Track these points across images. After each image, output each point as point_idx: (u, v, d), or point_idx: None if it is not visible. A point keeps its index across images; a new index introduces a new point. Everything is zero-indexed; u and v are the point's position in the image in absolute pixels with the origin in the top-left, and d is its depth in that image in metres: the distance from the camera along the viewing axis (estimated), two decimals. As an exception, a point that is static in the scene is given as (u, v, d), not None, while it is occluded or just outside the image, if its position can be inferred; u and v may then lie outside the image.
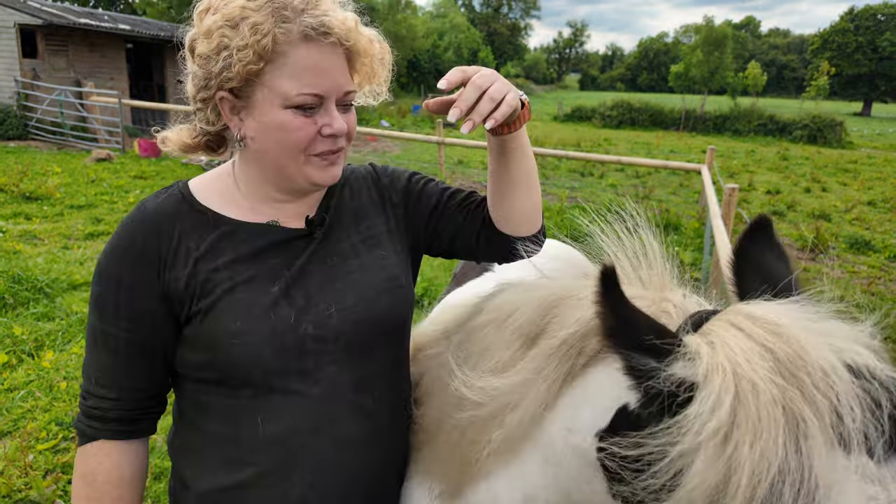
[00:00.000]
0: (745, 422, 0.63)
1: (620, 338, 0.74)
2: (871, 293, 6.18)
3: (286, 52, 0.94)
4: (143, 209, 1.04)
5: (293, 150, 0.98)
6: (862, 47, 55.55)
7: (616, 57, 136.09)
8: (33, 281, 4.79)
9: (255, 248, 1.03)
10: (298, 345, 0.99)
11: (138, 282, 0.99)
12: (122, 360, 1.01)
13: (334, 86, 0.98)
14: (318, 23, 0.94)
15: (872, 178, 15.09)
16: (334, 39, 0.96)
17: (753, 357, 0.67)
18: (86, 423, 1.02)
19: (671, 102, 33.45)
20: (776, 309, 0.73)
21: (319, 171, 1.02)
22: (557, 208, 9.07)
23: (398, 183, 1.23)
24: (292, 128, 0.96)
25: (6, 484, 2.62)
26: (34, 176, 9.16)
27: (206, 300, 0.99)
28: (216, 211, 1.05)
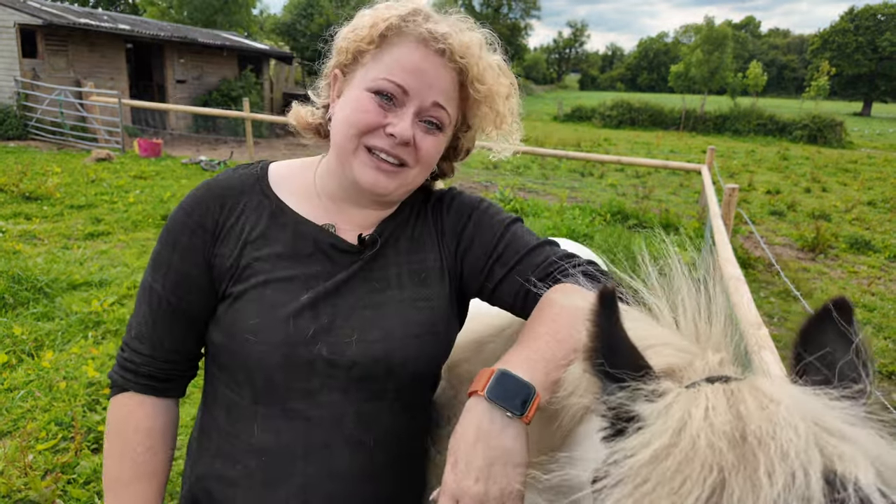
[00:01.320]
0: (667, 473, 0.58)
1: (598, 361, 0.71)
2: (871, 293, 6.18)
3: (394, 44, 0.97)
4: (218, 178, 1.07)
5: (351, 129, 0.97)
6: (862, 47, 55.56)
7: (616, 57, 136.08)
8: (33, 281, 4.78)
9: (302, 249, 1.01)
10: (308, 363, 0.96)
11: (192, 247, 1.01)
12: (160, 319, 1.03)
13: (422, 87, 0.95)
14: (438, 30, 0.95)
15: (872, 178, 15.09)
16: (444, 48, 0.95)
17: (717, 420, 0.60)
18: (119, 374, 1.05)
19: (671, 102, 33.45)
20: (790, 390, 0.63)
21: (363, 168, 0.98)
22: (557, 208, 9.07)
23: (457, 221, 1.11)
24: (360, 107, 0.96)
25: (6, 484, 2.62)
26: (34, 176, 9.16)
27: (240, 285, 0.99)
28: (282, 199, 1.05)
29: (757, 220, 9.67)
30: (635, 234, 7.84)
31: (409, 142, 0.96)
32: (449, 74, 0.97)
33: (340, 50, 1.02)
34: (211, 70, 19.64)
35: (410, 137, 0.96)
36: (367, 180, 0.98)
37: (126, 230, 6.95)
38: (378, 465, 1.01)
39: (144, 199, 8.39)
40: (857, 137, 29.22)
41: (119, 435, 1.04)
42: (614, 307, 0.70)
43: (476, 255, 1.07)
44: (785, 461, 0.55)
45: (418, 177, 1.02)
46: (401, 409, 1.03)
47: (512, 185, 11.41)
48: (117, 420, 1.05)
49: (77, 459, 2.86)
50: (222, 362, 1.02)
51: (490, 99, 1.01)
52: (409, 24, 0.96)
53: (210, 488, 1.04)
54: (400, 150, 0.97)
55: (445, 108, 0.98)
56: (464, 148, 1.13)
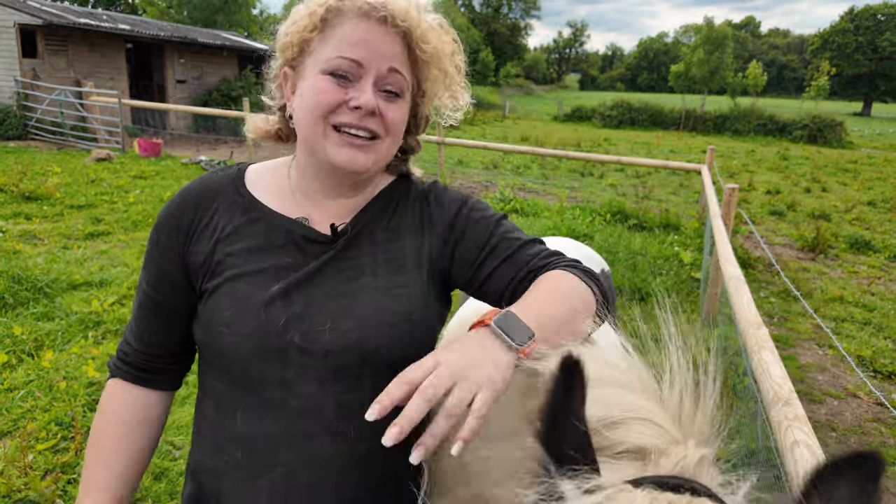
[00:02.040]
0: None
1: (544, 431, 0.65)
2: (871, 293, 6.18)
3: (336, 24, 0.97)
4: (198, 180, 1.10)
5: (316, 112, 0.97)
6: (862, 47, 55.54)
7: (616, 57, 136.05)
8: (33, 281, 4.78)
9: (274, 241, 1.03)
10: (281, 351, 0.96)
11: (169, 246, 1.05)
12: (146, 314, 1.09)
13: (374, 57, 0.96)
14: (377, 0, 0.95)
15: (872, 178, 15.09)
16: (386, 15, 0.95)
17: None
18: (113, 361, 1.13)
19: (671, 102, 33.45)
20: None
21: (336, 148, 0.98)
22: (557, 208, 9.07)
23: (446, 213, 1.11)
24: (320, 89, 0.96)
25: (6, 484, 2.62)
26: (34, 176, 9.16)
27: (213, 281, 1.01)
28: (255, 197, 1.07)
29: (757, 220, 9.67)
30: (635, 234, 7.84)
31: (374, 111, 0.96)
32: (395, 39, 0.98)
33: (284, 46, 1.02)
34: (211, 70, 19.64)
35: (375, 105, 0.96)
36: (342, 159, 0.98)
37: (126, 230, 6.95)
38: (360, 455, 0.99)
39: (144, 199, 8.39)
40: (857, 137, 29.22)
41: (102, 416, 1.10)
42: (576, 377, 0.63)
43: (468, 248, 1.08)
44: None
45: (390, 148, 1.03)
46: None
47: (512, 185, 11.41)
48: (102, 403, 1.11)
49: (77, 459, 2.87)
50: (206, 357, 1.05)
51: (437, 58, 1.02)
52: (345, 1, 0.97)
53: (201, 481, 1.05)
54: (368, 121, 0.97)
55: (401, 73, 0.99)
56: (423, 116, 1.13)
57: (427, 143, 11.14)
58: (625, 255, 6.66)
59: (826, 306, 5.73)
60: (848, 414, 3.82)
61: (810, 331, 5.14)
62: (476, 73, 60.95)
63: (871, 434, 3.60)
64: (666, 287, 5.78)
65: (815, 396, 4.02)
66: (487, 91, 46.98)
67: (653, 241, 7.33)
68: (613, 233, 7.65)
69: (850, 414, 3.82)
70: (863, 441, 3.53)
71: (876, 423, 3.72)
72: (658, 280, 5.92)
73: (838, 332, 5.15)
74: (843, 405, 3.94)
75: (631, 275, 5.95)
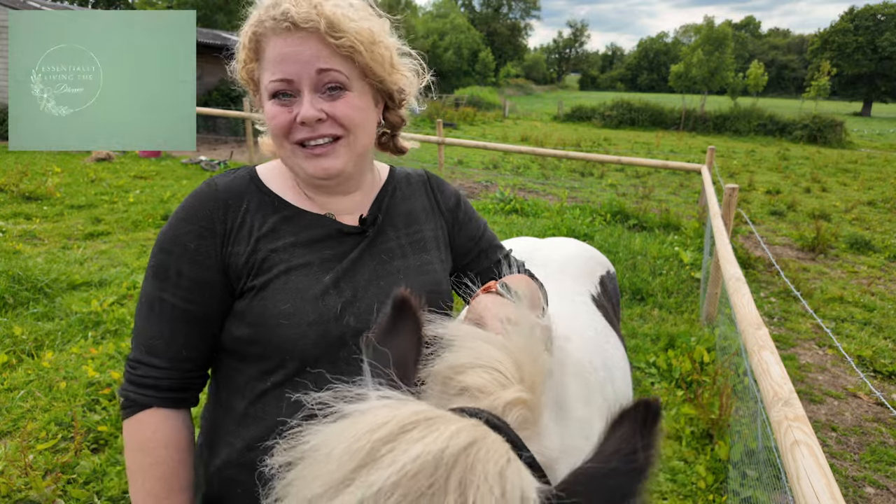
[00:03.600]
0: (306, 465, 0.59)
1: (371, 354, 0.74)
2: (871, 293, 6.18)
3: (265, 47, 1.02)
4: (212, 184, 1.09)
5: (276, 138, 1.05)
6: (862, 47, 55.56)
7: (616, 57, 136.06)
8: (33, 281, 4.78)
9: (313, 236, 1.09)
10: (340, 336, 1.03)
11: (202, 252, 1.03)
12: (176, 329, 1.03)
13: (298, 67, 0.99)
14: (279, 13, 0.98)
15: (872, 178, 15.09)
16: (293, 23, 0.98)
17: (354, 431, 0.58)
18: (138, 392, 1.03)
19: (671, 102, 33.44)
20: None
21: (307, 161, 1.04)
22: (557, 208, 9.07)
23: (448, 201, 1.29)
24: (271, 115, 1.03)
25: (6, 484, 2.62)
26: (34, 176, 9.16)
27: (261, 277, 1.03)
28: (279, 195, 1.11)
29: (757, 220, 9.67)
30: (635, 234, 7.84)
31: (318, 118, 1.01)
32: (311, 40, 1.00)
33: (242, 82, 1.10)
34: (211, 70, 19.65)
35: (315, 114, 1.00)
36: (315, 170, 1.04)
37: (126, 230, 6.95)
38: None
39: (144, 199, 8.39)
40: (857, 137, 29.22)
41: (147, 452, 1.02)
42: (402, 315, 0.76)
43: (464, 239, 1.29)
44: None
45: (358, 141, 1.07)
46: None
47: (512, 185, 11.41)
48: (143, 438, 1.02)
49: (77, 459, 2.87)
50: (248, 353, 1.05)
51: (360, 44, 1.02)
52: (262, 24, 1.01)
53: (233, 476, 1.06)
54: (321, 129, 1.02)
55: (332, 68, 1.01)
56: (391, 91, 1.13)
57: (427, 143, 11.15)
58: (625, 255, 6.66)
59: (826, 306, 5.73)
60: (848, 414, 3.82)
61: (810, 331, 5.14)
62: (476, 73, 60.98)
63: (871, 434, 3.60)
64: (666, 287, 5.78)
65: (815, 396, 4.02)
66: (487, 91, 46.96)
67: (653, 241, 7.33)
68: (613, 233, 7.65)
69: (850, 414, 3.82)
70: (863, 441, 3.53)
71: (876, 423, 3.72)
72: (658, 280, 5.92)
73: (838, 332, 5.15)
74: (843, 405, 3.94)
75: (631, 275, 5.95)
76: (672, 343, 4.52)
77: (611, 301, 2.03)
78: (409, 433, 0.57)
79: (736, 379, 3.73)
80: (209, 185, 1.09)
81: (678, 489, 2.99)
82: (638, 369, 4.17)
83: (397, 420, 0.58)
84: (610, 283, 2.12)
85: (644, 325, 4.90)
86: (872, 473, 3.24)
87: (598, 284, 2.00)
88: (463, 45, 59.47)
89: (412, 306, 0.78)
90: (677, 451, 3.28)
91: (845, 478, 3.20)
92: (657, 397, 0.60)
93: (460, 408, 0.68)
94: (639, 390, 3.90)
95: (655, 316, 5.16)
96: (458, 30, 60.43)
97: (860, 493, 3.09)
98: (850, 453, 3.42)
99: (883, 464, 3.32)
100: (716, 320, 4.91)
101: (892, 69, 55.05)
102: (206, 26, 28.18)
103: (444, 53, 55.40)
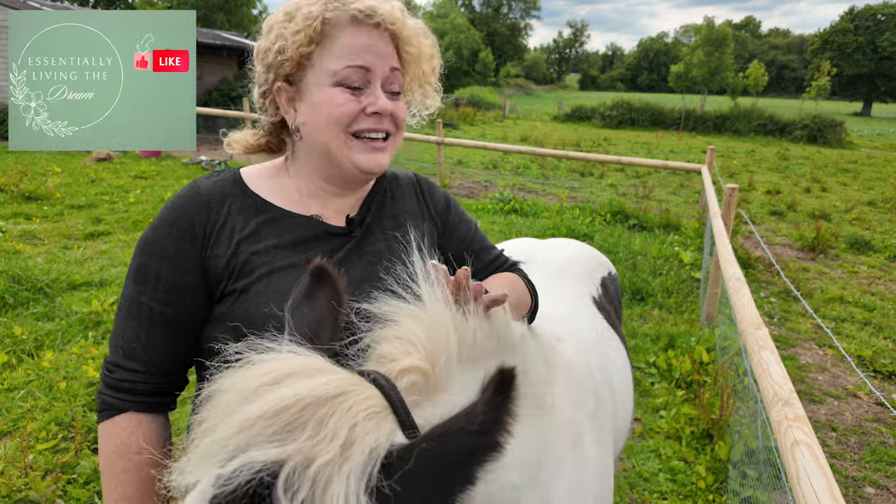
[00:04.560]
0: (214, 403, 0.70)
1: (291, 313, 0.83)
2: (871, 293, 6.18)
3: (335, 35, 1.01)
4: (195, 187, 1.08)
5: (337, 125, 1.03)
6: (862, 47, 55.53)
7: (616, 57, 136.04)
8: (33, 281, 4.78)
9: (297, 237, 1.07)
10: None
11: (181, 255, 1.02)
12: (154, 332, 1.02)
13: (379, 60, 1.02)
14: (365, 6, 1.01)
15: (872, 178, 15.09)
16: (379, 20, 1.01)
17: (253, 376, 0.69)
18: (114, 396, 1.02)
19: (671, 102, 33.43)
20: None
21: (364, 154, 1.05)
22: (557, 208, 9.07)
23: (437, 203, 1.28)
24: (338, 102, 1.01)
25: (6, 484, 2.62)
26: (34, 176, 9.15)
27: (243, 281, 1.02)
28: (264, 197, 1.10)
29: (757, 220, 9.67)
30: (635, 234, 7.84)
31: (392, 111, 1.05)
32: (388, 41, 1.05)
33: (279, 63, 1.04)
34: (211, 70, 19.65)
35: (392, 107, 1.05)
36: (368, 163, 1.05)
37: (126, 230, 6.95)
38: None
39: (145, 199, 8.39)
40: (857, 137, 29.21)
41: (122, 456, 1.01)
42: (320, 282, 0.83)
43: (455, 242, 1.28)
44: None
45: (399, 143, 1.12)
46: None
47: (512, 185, 11.41)
48: (119, 442, 1.01)
49: (77, 459, 2.87)
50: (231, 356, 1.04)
51: (418, 59, 1.10)
52: (337, 10, 1.01)
53: None
54: (384, 123, 1.05)
55: (400, 70, 1.07)
56: (419, 104, 1.22)
57: (427, 143, 11.14)
58: (625, 255, 6.66)
59: (826, 306, 5.73)
60: (848, 414, 3.82)
61: (810, 331, 5.14)
62: (476, 73, 60.94)
63: (871, 434, 3.60)
64: (666, 287, 5.78)
65: (815, 396, 4.02)
66: (487, 91, 46.92)
67: (653, 241, 7.33)
68: (613, 233, 7.65)
69: (850, 414, 3.82)
70: (863, 441, 3.53)
71: (876, 423, 3.72)
72: (658, 280, 5.92)
73: (838, 332, 5.15)
74: (843, 405, 3.94)
75: (631, 275, 5.95)
76: (672, 343, 4.52)
77: (612, 303, 2.02)
78: (291, 378, 0.66)
79: (736, 379, 3.73)
80: (192, 187, 1.08)
81: (678, 489, 2.99)
82: (638, 369, 4.17)
83: (287, 368, 0.68)
84: (611, 285, 2.11)
85: (644, 325, 4.90)
86: (872, 473, 3.24)
87: (599, 286, 1.99)
88: (463, 45, 59.45)
89: (330, 274, 0.84)
90: (677, 451, 3.28)
91: (845, 478, 3.20)
92: (514, 364, 0.63)
93: (360, 369, 0.77)
94: (639, 390, 3.90)
95: (655, 316, 5.16)
96: (458, 30, 60.42)
97: (860, 493, 3.09)
98: (850, 453, 3.42)
99: (883, 464, 3.32)
100: (716, 320, 4.91)
101: (892, 69, 55.03)
102: (206, 26, 28.17)
103: (444, 53, 55.22)
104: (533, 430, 1.08)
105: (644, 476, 3.08)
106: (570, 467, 1.15)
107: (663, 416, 3.62)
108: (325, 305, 0.83)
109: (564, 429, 1.18)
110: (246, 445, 0.61)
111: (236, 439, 0.62)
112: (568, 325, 1.56)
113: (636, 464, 3.17)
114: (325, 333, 0.81)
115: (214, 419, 0.67)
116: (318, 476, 0.59)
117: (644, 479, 3.07)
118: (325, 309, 0.83)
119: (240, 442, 0.62)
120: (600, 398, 1.38)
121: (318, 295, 0.83)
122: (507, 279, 1.24)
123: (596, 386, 1.40)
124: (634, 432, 3.47)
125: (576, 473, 1.16)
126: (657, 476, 3.09)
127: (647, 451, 3.29)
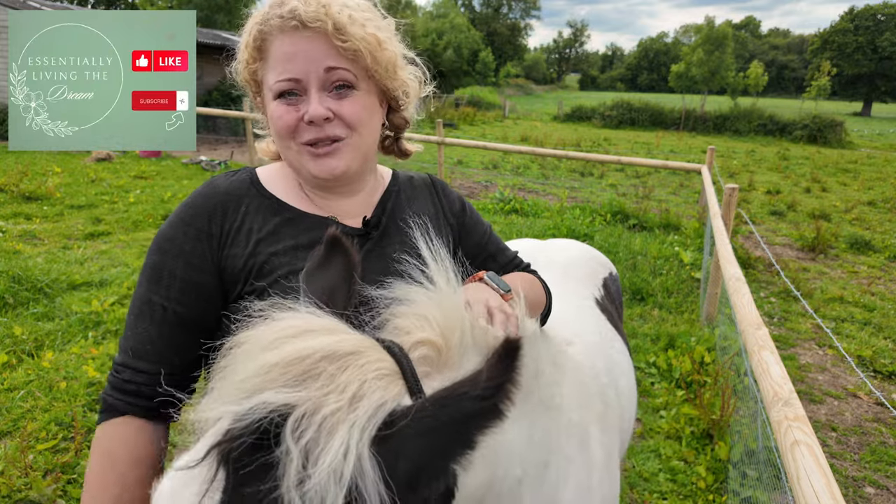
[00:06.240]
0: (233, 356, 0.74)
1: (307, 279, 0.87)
2: (871, 293, 6.18)
3: (269, 48, 1.01)
4: (212, 185, 1.08)
5: (282, 138, 1.04)
6: (862, 47, 55.53)
7: (616, 57, 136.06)
8: (33, 281, 4.78)
9: (315, 238, 1.05)
10: None
11: (197, 255, 1.01)
12: (165, 333, 1.00)
13: (307, 66, 0.99)
14: (287, 10, 0.98)
15: (872, 178, 15.09)
16: (301, 21, 0.97)
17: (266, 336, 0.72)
18: (116, 398, 0.99)
19: (671, 102, 33.42)
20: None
21: (313, 161, 1.03)
22: (557, 208, 9.07)
23: (453, 206, 1.27)
24: (277, 115, 1.02)
25: (6, 484, 2.62)
26: (34, 176, 9.15)
27: (262, 281, 1.01)
28: (280, 198, 1.09)
29: (757, 220, 9.67)
30: (635, 234, 7.84)
31: (327, 116, 1.00)
32: (319, 39, 0.99)
33: (244, 83, 1.09)
34: (211, 70, 19.64)
35: (323, 113, 0.99)
36: (320, 171, 1.04)
37: (126, 230, 6.95)
38: None
39: (145, 199, 8.39)
40: (857, 137, 29.21)
41: (109, 465, 0.97)
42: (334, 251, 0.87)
43: (471, 244, 1.27)
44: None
45: (365, 139, 1.07)
46: None
47: (512, 185, 11.41)
48: (112, 447, 0.97)
49: (77, 459, 2.87)
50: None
51: (367, 49, 1.02)
52: (268, 23, 1.00)
53: None
54: (327, 129, 1.01)
55: (341, 67, 1.01)
56: (396, 92, 1.13)
57: (427, 143, 11.14)
58: (625, 255, 6.66)
59: (826, 306, 5.73)
60: (848, 414, 3.82)
61: (810, 331, 5.14)
62: (476, 73, 60.93)
63: (871, 434, 3.60)
64: (666, 287, 5.78)
65: (815, 396, 4.02)
66: (487, 91, 46.92)
67: (653, 241, 7.33)
68: (613, 233, 7.65)
69: (850, 414, 3.82)
70: (863, 441, 3.53)
71: (876, 423, 3.72)
72: (658, 280, 5.92)
73: (838, 332, 5.15)
74: (843, 405, 3.94)
75: (631, 275, 5.95)
76: (672, 343, 4.52)
77: (614, 303, 2.02)
78: (309, 334, 0.71)
79: (736, 379, 3.73)
80: (209, 185, 1.08)
81: (678, 489, 2.99)
82: (638, 369, 4.17)
83: (306, 326, 0.73)
84: (613, 286, 2.11)
85: (644, 325, 4.90)
86: (872, 473, 3.24)
87: (601, 287, 1.99)
88: (463, 45, 59.43)
89: (344, 244, 0.87)
90: (677, 451, 3.28)
91: (845, 478, 3.20)
92: (520, 336, 0.66)
93: (376, 336, 0.80)
94: (639, 390, 3.90)
95: (655, 316, 5.16)
96: (457, 30, 60.39)
97: (860, 493, 3.09)
98: (850, 453, 3.41)
99: (883, 464, 3.32)
100: (716, 320, 4.91)
101: (892, 69, 55.02)
102: (206, 26, 28.17)
103: (443, 53, 55.34)
104: (540, 428, 1.08)
105: (644, 476, 3.08)
106: (578, 469, 1.16)
107: (663, 416, 3.62)
108: (339, 273, 0.87)
109: (572, 431, 1.18)
110: (262, 388, 0.65)
111: (253, 381, 0.66)
112: (574, 327, 1.56)
113: (636, 464, 3.17)
114: (340, 300, 0.85)
115: (235, 364, 0.72)
116: (324, 423, 0.62)
117: (644, 479, 3.07)
118: (339, 277, 0.86)
119: (256, 384, 0.66)
120: (607, 401, 1.38)
121: (333, 263, 0.87)
122: (525, 278, 1.24)
123: (603, 389, 1.40)
124: (635, 432, 3.47)
125: (583, 475, 1.16)
126: (657, 476, 3.09)
127: (647, 451, 3.29)
